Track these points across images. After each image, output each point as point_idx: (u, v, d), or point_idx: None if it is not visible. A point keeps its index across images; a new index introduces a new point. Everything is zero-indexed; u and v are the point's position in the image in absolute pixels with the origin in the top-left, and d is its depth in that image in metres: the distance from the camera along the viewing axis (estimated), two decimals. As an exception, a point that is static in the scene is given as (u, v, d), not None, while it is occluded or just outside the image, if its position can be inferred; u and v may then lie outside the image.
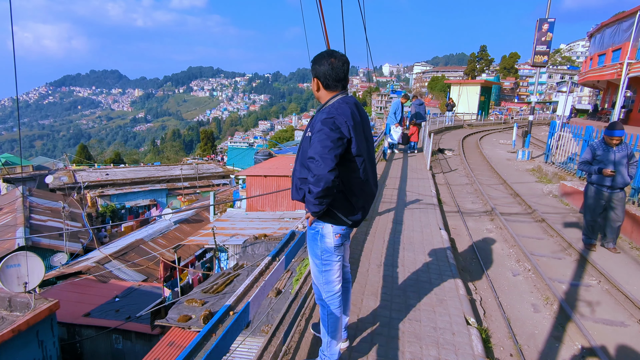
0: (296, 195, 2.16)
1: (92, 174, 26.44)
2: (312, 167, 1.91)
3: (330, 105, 2.07)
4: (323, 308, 2.26)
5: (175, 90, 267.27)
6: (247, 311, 1.54)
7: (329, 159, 1.87)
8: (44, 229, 14.77)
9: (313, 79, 2.14)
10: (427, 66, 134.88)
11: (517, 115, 42.02)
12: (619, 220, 5.03)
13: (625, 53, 16.27)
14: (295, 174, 2.16)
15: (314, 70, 2.12)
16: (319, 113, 2.05)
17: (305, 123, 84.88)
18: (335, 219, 2.12)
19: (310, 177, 1.92)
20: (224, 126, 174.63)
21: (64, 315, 8.80)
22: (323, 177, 1.86)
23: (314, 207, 1.97)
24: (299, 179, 2.13)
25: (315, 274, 2.25)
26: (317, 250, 2.21)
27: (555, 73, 74.53)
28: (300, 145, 2.13)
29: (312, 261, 2.26)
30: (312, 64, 2.13)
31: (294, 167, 2.18)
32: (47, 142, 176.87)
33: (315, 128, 1.99)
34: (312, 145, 1.95)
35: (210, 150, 65.44)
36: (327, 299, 2.24)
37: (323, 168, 1.86)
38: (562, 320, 3.66)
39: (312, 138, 1.98)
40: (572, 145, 9.44)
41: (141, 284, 11.59)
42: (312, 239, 2.22)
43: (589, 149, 5.11)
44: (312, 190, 1.92)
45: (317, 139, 1.93)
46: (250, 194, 13.63)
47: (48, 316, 5.80)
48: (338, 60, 2.09)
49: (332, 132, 1.91)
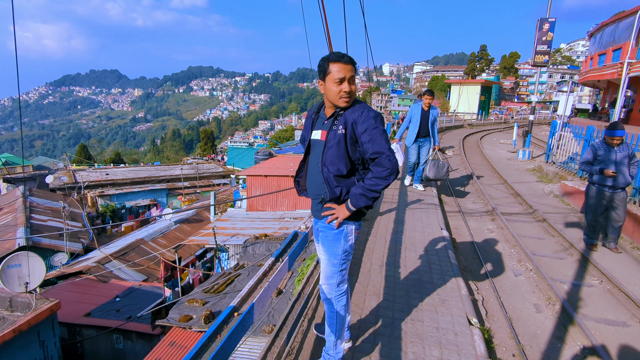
0: (332, 194, 2.12)
1: (92, 174, 26.42)
2: (383, 161, 1.96)
3: (362, 104, 2.13)
4: (331, 307, 2.26)
5: (175, 89, 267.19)
6: (251, 312, 1.53)
7: (393, 153, 1.99)
8: (44, 229, 14.77)
9: (319, 80, 2.14)
10: (427, 66, 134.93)
11: (518, 115, 42.04)
12: (620, 220, 5.03)
13: (625, 52, 16.27)
14: (328, 173, 2.11)
15: (319, 72, 2.11)
16: (353, 111, 2.07)
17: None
18: (358, 214, 2.17)
19: (382, 172, 1.97)
20: (224, 126, 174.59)
21: (65, 315, 8.80)
22: (395, 170, 1.95)
23: (367, 201, 2.03)
24: (335, 177, 2.09)
25: (330, 273, 2.25)
26: (338, 250, 2.21)
27: (555, 72, 74.56)
28: (329, 143, 2.09)
29: (329, 261, 2.24)
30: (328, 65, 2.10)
31: (325, 166, 2.11)
32: (47, 142, 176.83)
33: (367, 124, 2.01)
34: (376, 140, 1.98)
35: (211, 150, 65.41)
36: (336, 297, 2.26)
37: (395, 162, 1.94)
38: (564, 320, 3.66)
39: (367, 137, 2.00)
40: (573, 145, 9.44)
41: (142, 284, 11.59)
42: (335, 239, 2.20)
43: (590, 149, 5.11)
44: (379, 184, 1.98)
45: (378, 134, 1.99)
46: (250, 193, 13.63)
47: (49, 316, 5.79)
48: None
49: (384, 128, 2.05)
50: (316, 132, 2.22)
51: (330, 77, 2.03)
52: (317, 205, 2.26)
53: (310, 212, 2.46)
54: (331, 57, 2.05)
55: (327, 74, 2.04)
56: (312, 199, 2.32)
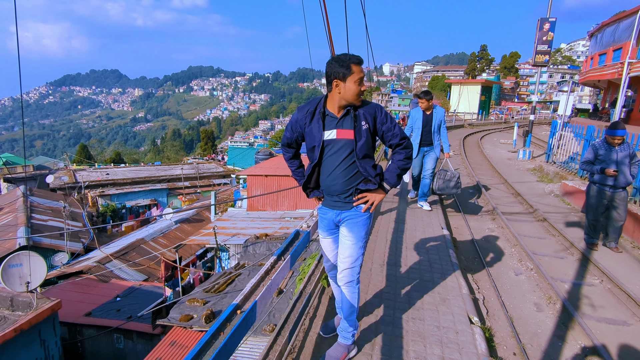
0: (371, 186, 2.32)
1: (93, 174, 26.43)
2: (409, 144, 2.35)
3: (366, 100, 2.33)
4: (353, 288, 2.42)
5: (176, 89, 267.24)
6: (254, 310, 1.54)
7: None
8: (45, 229, 14.78)
9: (335, 80, 2.18)
10: (427, 65, 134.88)
11: (518, 115, 42.03)
12: (621, 219, 5.03)
13: (626, 52, 16.25)
14: (365, 166, 2.29)
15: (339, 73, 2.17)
16: (369, 108, 2.29)
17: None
18: None
19: (409, 152, 2.36)
20: (224, 126, 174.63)
21: (66, 314, 8.81)
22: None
23: (399, 179, 2.37)
24: (371, 167, 2.32)
25: (357, 255, 2.39)
26: (365, 231, 2.41)
27: (555, 72, 74.53)
28: (360, 139, 2.25)
29: (356, 245, 2.38)
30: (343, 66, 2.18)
31: (360, 160, 2.27)
32: (48, 142, 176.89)
33: (385, 118, 2.31)
34: (397, 129, 2.32)
35: (211, 150, 65.39)
36: (357, 279, 2.44)
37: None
38: (565, 319, 3.66)
39: (389, 126, 2.31)
40: (574, 144, 9.44)
41: (142, 284, 11.60)
42: (365, 223, 2.40)
43: (591, 148, 5.11)
44: (409, 162, 2.38)
45: (396, 123, 2.32)
46: (251, 193, 13.64)
47: (50, 315, 5.80)
48: None
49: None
50: (330, 132, 2.26)
51: (352, 77, 2.14)
52: (344, 198, 2.37)
53: (320, 209, 2.52)
54: (352, 58, 2.15)
55: (350, 75, 2.14)
56: (337, 194, 2.38)
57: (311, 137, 2.29)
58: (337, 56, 2.19)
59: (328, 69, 2.19)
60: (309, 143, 2.32)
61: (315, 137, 2.27)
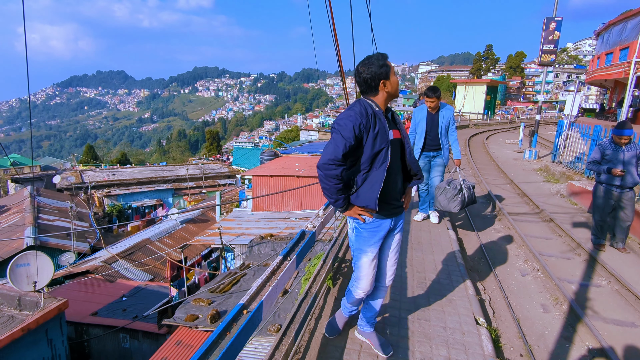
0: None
1: (99, 174, 26.63)
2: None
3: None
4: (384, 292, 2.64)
5: (181, 90, 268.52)
6: (260, 310, 1.54)
7: None
8: (52, 229, 14.90)
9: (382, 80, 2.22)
10: (432, 65, 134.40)
11: (523, 115, 41.74)
12: (628, 220, 4.98)
13: (633, 51, 16.09)
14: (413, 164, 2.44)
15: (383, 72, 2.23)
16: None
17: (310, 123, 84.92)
18: None
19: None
20: (229, 126, 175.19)
21: (72, 314, 8.88)
22: None
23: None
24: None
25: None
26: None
27: (562, 72, 73.95)
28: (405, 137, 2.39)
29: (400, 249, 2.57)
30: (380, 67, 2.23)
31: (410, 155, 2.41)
32: (55, 143, 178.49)
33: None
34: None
35: (216, 151, 65.60)
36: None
37: None
38: (572, 320, 3.63)
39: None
40: (580, 144, 9.36)
41: (148, 284, 11.66)
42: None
43: (597, 148, 5.07)
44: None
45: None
46: (256, 194, 13.66)
47: (57, 315, 5.85)
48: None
49: None
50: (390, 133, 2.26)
51: (392, 71, 2.23)
52: (401, 201, 2.41)
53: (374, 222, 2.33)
54: (383, 55, 2.22)
55: (390, 70, 2.22)
56: (397, 199, 2.36)
57: (381, 138, 2.14)
58: (369, 59, 2.19)
59: (370, 73, 2.17)
60: (377, 146, 2.14)
61: (384, 138, 2.15)
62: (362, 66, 2.21)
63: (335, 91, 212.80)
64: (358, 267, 2.40)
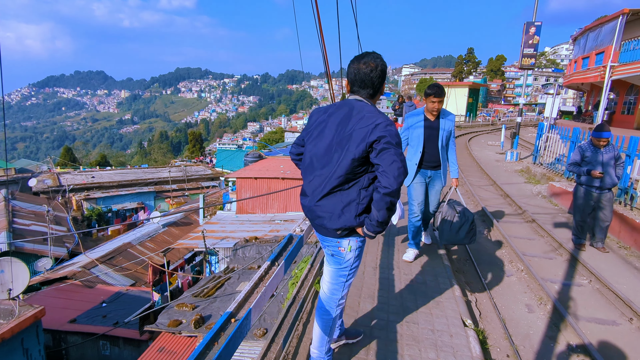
0: None
1: (78, 177, 25.92)
2: None
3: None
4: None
5: (163, 91, 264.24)
6: (249, 318, 1.49)
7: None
8: (27, 234, 14.41)
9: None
10: (415, 68, 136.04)
11: (505, 117, 42.64)
12: (607, 220, 5.11)
13: (608, 56, 16.64)
14: None
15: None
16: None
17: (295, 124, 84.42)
18: None
19: None
20: (212, 128, 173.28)
21: (49, 321, 8.58)
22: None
23: None
24: None
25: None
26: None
27: (540, 75, 75.95)
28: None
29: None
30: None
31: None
32: (30, 145, 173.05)
33: None
34: None
35: (199, 152, 64.81)
36: None
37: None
38: (556, 320, 3.68)
39: None
40: (560, 146, 9.59)
41: (129, 289, 11.39)
42: None
43: (577, 150, 5.19)
44: None
45: None
46: (240, 196, 13.52)
47: (33, 323, 5.63)
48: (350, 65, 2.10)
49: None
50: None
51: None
52: None
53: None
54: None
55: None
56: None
57: None
58: (373, 53, 2.08)
59: (383, 66, 2.02)
60: None
61: None
62: (372, 60, 1.99)
63: (319, 93, 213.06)
64: (347, 287, 2.22)
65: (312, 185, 2.02)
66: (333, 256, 2.12)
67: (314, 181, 2.01)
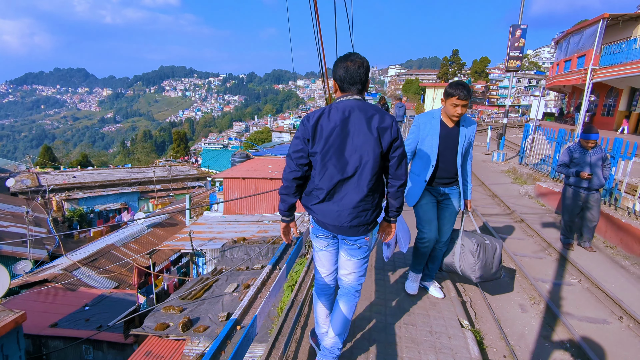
0: None
1: (58, 177, 25.25)
2: None
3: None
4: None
5: (146, 90, 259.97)
6: (254, 325, 1.43)
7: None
8: (5, 236, 13.93)
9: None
10: (401, 69, 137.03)
11: (489, 118, 43.33)
12: (594, 220, 5.20)
13: (589, 59, 17.07)
14: None
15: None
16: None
17: (281, 124, 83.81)
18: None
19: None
20: (197, 127, 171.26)
21: (29, 326, 8.31)
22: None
23: None
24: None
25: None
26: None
27: (523, 77, 77.46)
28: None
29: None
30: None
31: None
32: (7, 144, 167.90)
33: None
34: None
35: (184, 152, 63.96)
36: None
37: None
38: (549, 319, 3.71)
39: None
40: (545, 147, 9.75)
41: (113, 292, 11.12)
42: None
43: (566, 152, 5.26)
44: None
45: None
46: (227, 196, 13.35)
47: (14, 329, 5.40)
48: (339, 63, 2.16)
49: (297, 132, 2.10)
50: None
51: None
52: None
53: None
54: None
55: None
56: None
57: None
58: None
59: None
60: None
61: None
62: (358, 57, 2.11)
63: (306, 93, 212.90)
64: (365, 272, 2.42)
65: (345, 190, 2.07)
66: (360, 248, 2.23)
67: (347, 187, 2.06)
